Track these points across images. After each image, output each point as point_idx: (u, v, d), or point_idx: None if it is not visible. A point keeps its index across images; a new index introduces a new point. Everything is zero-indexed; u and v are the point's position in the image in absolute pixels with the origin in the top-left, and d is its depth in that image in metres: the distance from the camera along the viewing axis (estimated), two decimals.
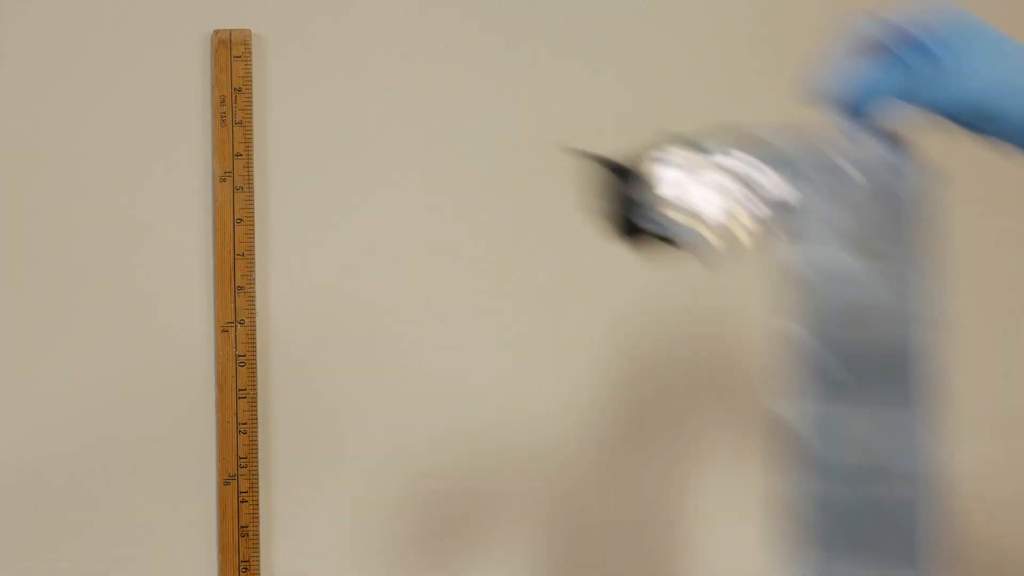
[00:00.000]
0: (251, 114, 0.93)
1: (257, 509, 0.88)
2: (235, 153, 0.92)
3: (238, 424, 0.89)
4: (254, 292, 0.91)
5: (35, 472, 0.88)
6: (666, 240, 0.52)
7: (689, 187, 0.51)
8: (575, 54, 0.93)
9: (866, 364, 0.49)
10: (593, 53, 0.94)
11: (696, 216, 0.51)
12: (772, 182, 0.50)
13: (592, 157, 0.54)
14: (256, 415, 0.89)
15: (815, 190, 0.49)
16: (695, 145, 0.52)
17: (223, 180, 0.92)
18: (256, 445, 0.89)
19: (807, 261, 0.50)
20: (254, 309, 0.90)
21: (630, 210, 0.52)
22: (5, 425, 0.88)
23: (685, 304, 0.92)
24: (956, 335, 0.97)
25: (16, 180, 0.91)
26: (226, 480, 0.88)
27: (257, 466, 0.89)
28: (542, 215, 0.92)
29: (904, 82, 0.47)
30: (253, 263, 0.91)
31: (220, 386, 0.89)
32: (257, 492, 0.88)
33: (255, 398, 0.89)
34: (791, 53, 0.80)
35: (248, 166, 0.92)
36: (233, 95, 0.92)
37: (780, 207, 0.50)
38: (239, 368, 0.89)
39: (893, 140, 0.49)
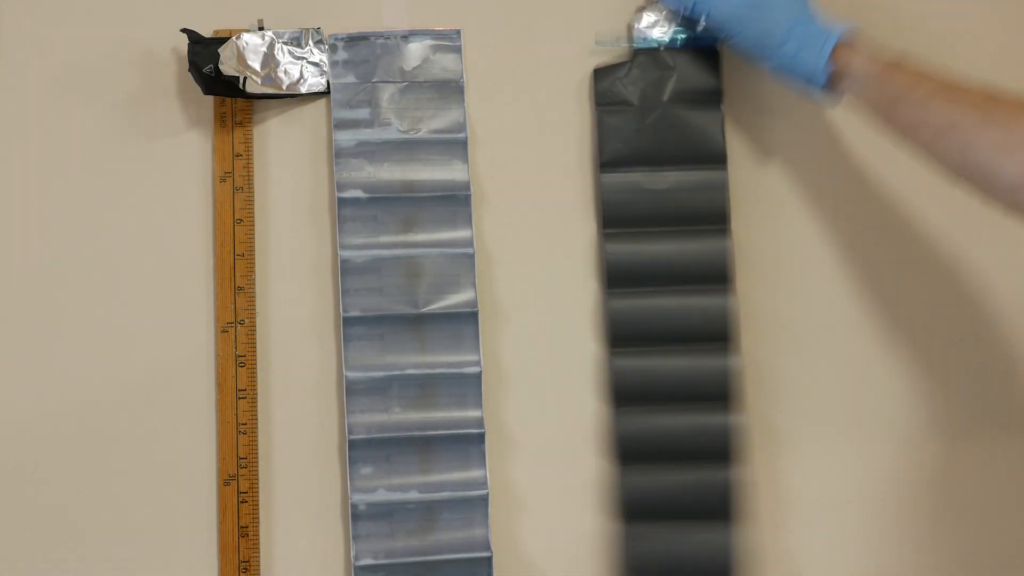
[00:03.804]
0: (251, 115, 0.93)
1: (257, 509, 0.88)
2: (235, 153, 0.92)
3: (238, 424, 0.89)
4: (254, 292, 0.91)
5: (35, 472, 0.88)
6: (232, 84, 0.90)
7: (253, 53, 0.92)
8: None
9: None
10: None
11: (251, 68, 0.91)
12: (313, 54, 0.93)
13: (186, 32, 0.90)
14: (256, 415, 0.89)
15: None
16: (262, 31, 0.92)
17: (223, 180, 0.92)
18: (256, 445, 0.89)
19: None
20: (254, 309, 0.90)
21: (206, 65, 0.89)
22: (5, 425, 0.88)
23: None
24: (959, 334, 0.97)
25: (16, 180, 0.91)
26: (226, 480, 0.88)
27: (257, 466, 0.89)
28: None
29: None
30: (253, 263, 0.91)
31: (220, 386, 0.89)
32: (257, 492, 0.88)
33: (255, 398, 0.89)
34: None
35: (248, 166, 0.92)
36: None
37: (316, 66, 0.93)
38: (239, 368, 0.89)
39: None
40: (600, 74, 0.94)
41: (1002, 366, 0.95)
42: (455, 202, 0.92)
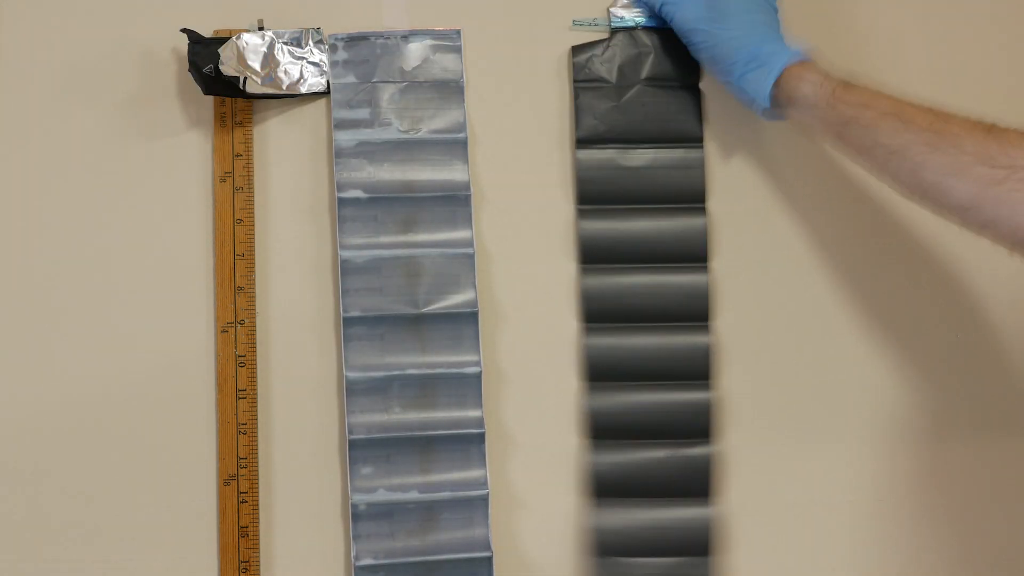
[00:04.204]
0: (251, 115, 0.93)
1: (257, 509, 0.88)
2: (235, 153, 0.92)
3: (238, 424, 0.89)
4: (254, 292, 0.91)
5: (35, 472, 0.88)
6: (232, 84, 0.90)
7: (253, 53, 0.92)
8: None
9: None
10: None
11: (251, 68, 0.91)
12: (313, 54, 0.93)
13: (186, 32, 0.89)
14: (256, 415, 0.89)
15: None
16: (262, 31, 0.92)
17: (223, 180, 0.92)
18: (256, 445, 0.89)
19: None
20: (254, 309, 0.90)
21: (206, 65, 0.89)
22: (5, 425, 0.88)
23: None
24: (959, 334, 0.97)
25: (16, 180, 0.91)
26: (226, 480, 0.88)
27: (257, 466, 0.89)
28: None
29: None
30: (253, 263, 0.91)
31: (220, 386, 0.89)
32: (257, 492, 0.88)
33: (255, 398, 0.89)
34: None
35: (248, 166, 0.92)
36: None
37: (316, 66, 0.93)
38: (239, 368, 0.89)
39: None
40: (577, 51, 0.95)
41: (991, 365, 0.95)
42: (455, 202, 0.92)
